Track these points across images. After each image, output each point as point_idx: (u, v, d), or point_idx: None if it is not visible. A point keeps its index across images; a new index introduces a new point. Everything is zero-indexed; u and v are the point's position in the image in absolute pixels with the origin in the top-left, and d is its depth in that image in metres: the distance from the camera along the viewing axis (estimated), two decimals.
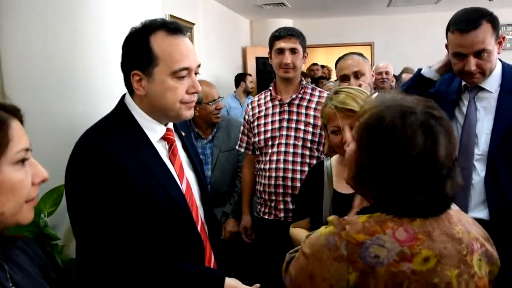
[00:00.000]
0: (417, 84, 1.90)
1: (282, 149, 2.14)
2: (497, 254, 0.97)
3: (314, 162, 2.07)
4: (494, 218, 1.65)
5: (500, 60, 1.74)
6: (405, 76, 4.72)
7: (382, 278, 0.84)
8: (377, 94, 1.02)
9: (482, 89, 1.73)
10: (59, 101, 1.70)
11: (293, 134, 2.14)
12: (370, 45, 7.82)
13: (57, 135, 1.66)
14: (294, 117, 2.16)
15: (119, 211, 1.09)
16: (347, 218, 0.92)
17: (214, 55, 5.59)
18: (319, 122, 2.12)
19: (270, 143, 2.18)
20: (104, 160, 1.09)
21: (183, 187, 1.25)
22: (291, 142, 2.13)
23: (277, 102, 2.21)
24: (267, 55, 2.29)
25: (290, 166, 2.11)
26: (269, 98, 2.26)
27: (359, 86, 1.98)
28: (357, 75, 2.12)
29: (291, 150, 2.13)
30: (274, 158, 2.15)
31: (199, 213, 1.30)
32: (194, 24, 4.70)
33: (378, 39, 7.77)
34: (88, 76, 1.72)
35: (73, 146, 1.17)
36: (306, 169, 2.07)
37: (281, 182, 2.12)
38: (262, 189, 2.20)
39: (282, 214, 2.14)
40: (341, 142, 1.40)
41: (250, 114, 2.29)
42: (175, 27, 1.19)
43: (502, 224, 1.61)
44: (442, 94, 1.85)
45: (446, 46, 1.76)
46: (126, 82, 1.22)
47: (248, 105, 2.38)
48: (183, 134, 1.40)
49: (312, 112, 2.15)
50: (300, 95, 2.19)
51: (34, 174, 0.83)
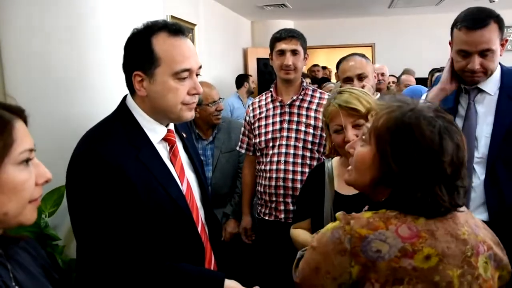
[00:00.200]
0: None
1: (283, 150, 2.14)
2: (507, 259, 0.98)
3: (315, 163, 2.07)
4: (493, 219, 1.65)
5: (499, 63, 1.75)
6: (405, 77, 4.72)
7: (383, 272, 0.85)
8: (384, 96, 1.03)
9: (482, 91, 1.73)
10: (60, 101, 1.71)
11: (293, 135, 2.14)
12: (371, 46, 7.83)
13: (57, 136, 1.66)
14: (295, 118, 2.16)
15: (119, 213, 1.09)
16: (352, 214, 0.94)
17: (215, 56, 5.59)
18: (320, 124, 2.13)
19: (270, 144, 2.18)
20: (104, 161, 1.09)
21: (184, 188, 1.25)
22: (292, 143, 2.14)
23: (277, 104, 2.22)
24: (268, 56, 2.29)
25: (290, 167, 2.11)
26: (270, 100, 2.26)
27: (362, 87, 1.98)
28: (360, 77, 2.12)
29: (292, 151, 2.13)
30: (275, 159, 2.15)
31: (200, 214, 1.30)
32: (195, 25, 4.70)
33: (379, 40, 7.78)
34: (89, 77, 1.73)
35: (73, 147, 1.17)
36: (307, 170, 2.07)
37: (281, 183, 2.12)
38: (262, 190, 2.20)
39: (282, 215, 2.14)
40: (343, 141, 1.41)
41: (251, 115, 2.30)
42: (177, 28, 1.19)
43: (501, 225, 1.61)
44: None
45: (450, 43, 1.76)
46: (128, 82, 1.22)
47: (249, 106, 2.38)
48: (184, 135, 1.40)
49: (312, 113, 2.15)
50: (301, 97, 2.19)
51: (37, 174, 0.83)
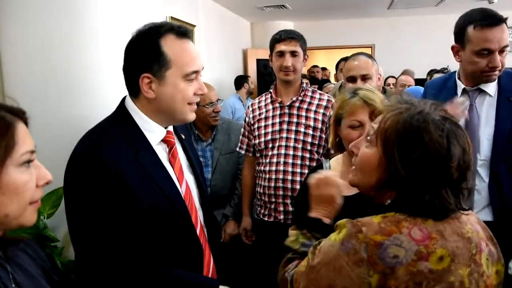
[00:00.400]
0: None
1: (282, 151, 2.14)
2: (499, 253, 0.98)
3: (314, 164, 2.07)
4: (498, 220, 1.65)
5: None
6: (403, 77, 4.72)
7: (402, 278, 0.83)
8: (390, 96, 1.02)
9: (482, 91, 1.73)
10: (59, 102, 1.71)
11: (293, 136, 2.14)
12: (371, 47, 7.84)
13: (56, 137, 1.66)
14: (294, 119, 2.16)
15: (116, 216, 1.09)
16: (360, 219, 0.90)
17: (215, 57, 5.59)
18: (320, 125, 2.13)
19: (270, 146, 2.18)
20: (102, 164, 1.09)
21: (183, 190, 1.25)
22: (291, 144, 2.14)
23: (277, 105, 2.22)
24: (268, 57, 2.29)
25: (290, 169, 2.11)
26: (269, 101, 2.26)
27: None
28: (364, 78, 2.11)
29: (291, 152, 2.13)
30: (274, 160, 2.15)
31: (199, 216, 1.30)
32: (194, 26, 4.70)
33: (378, 41, 7.79)
34: (88, 78, 1.72)
35: (72, 148, 1.17)
36: (306, 171, 2.07)
37: (281, 184, 2.12)
38: (262, 191, 2.20)
39: (282, 216, 2.14)
40: (359, 137, 1.39)
41: (251, 116, 2.30)
42: (183, 31, 1.20)
43: (506, 225, 1.61)
44: None
45: (452, 48, 1.74)
46: (130, 84, 1.21)
47: (248, 107, 2.38)
48: (183, 136, 1.40)
49: (312, 114, 2.15)
50: (300, 98, 2.19)
51: (38, 176, 0.83)
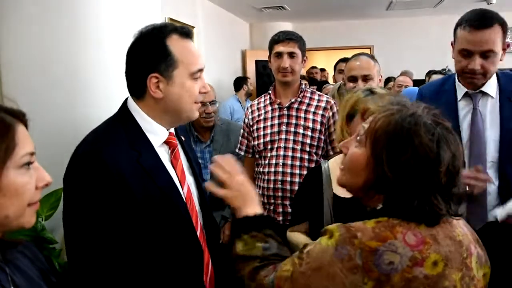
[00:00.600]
0: None
1: (281, 152, 2.14)
2: (486, 256, 0.97)
3: (313, 166, 2.07)
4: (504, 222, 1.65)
5: None
6: (401, 78, 4.74)
7: (397, 285, 0.80)
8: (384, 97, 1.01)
9: (485, 94, 1.73)
10: (59, 104, 1.70)
11: (292, 138, 2.14)
12: (369, 48, 7.85)
13: (55, 138, 1.65)
14: (293, 121, 2.16)
15: (115, 217, 1.08)
16: (353, 224, 0.87)
17: (213, 58, 5.59)
18: (318, 126, 2.13)
19: (269, 147, 2.18)
20: (103, 165, 1.08)
21: (184, 192, 1.24)
22: (290, 146, 2.14)
23: (276, 106, 2.22)
24: (267, 58, 2.29)
25: (289, 170, 2.11)
26: (268, 102, 2.26)
27: None
28: (365, 79, 2.10)
29: (290, 154, 2.13)
30: (273, 161, 2.15)
31: (199, 218, 1.30)
32: (193, 27, 4.70)
33: (377, 43, 7.81)
34: (88, 80, 1.72)
35: (72, 150, 1.16)
36: (305, 172, 2.07)
37: (280, 186, 2.12)
38: (261, 192, 2.20)
39: (280, 218, 2.14)
40: None
41: (250, 117, 2.30)
42: (186, 31, 1.22)
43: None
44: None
45: (452, 44, 1.76)
46: (135, 85, 1.20)
47: (247, 108, 2.38)
48: (183, 138, 1.39)
49: (311, 116, 2.15)
50: (299, 99, 2.19)
51: (37, 178, 0.83)
